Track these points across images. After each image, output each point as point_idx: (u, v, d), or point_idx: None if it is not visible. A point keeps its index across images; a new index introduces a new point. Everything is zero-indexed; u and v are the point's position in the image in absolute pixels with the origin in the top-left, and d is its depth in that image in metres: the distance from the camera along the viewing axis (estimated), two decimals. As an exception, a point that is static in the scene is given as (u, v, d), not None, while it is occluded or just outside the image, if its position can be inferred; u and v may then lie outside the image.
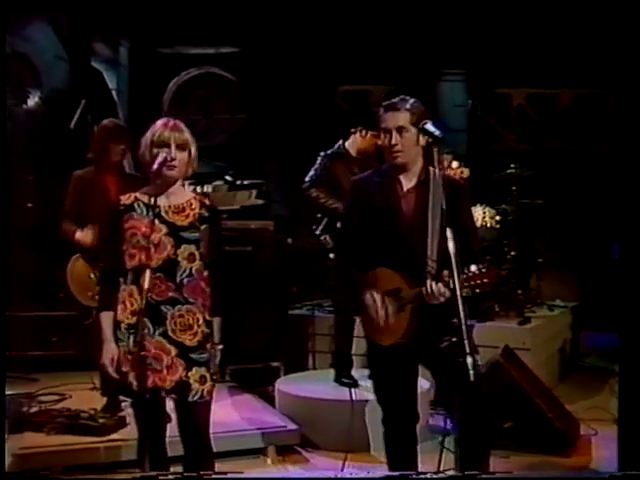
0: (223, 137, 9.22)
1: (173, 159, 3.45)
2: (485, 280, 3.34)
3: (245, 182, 7.63)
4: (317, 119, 9.31)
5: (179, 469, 3.68)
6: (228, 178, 7.76)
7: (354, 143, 5.84)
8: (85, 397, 5.59)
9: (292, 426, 5.12)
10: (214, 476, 3.48)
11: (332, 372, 5.82)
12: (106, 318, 3.52)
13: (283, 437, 5.07)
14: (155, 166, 3.44)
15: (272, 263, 6.49)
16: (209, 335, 3.53)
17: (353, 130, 5.87)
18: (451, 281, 3.23)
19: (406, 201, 3.64)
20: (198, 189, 8.65)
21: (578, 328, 7.36)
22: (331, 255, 5.71)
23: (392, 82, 9.64)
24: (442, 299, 3.42)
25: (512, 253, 6.73)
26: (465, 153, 8.46)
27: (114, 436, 4.85)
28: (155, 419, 3.53)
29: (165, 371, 3.44)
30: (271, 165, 9.03)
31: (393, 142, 3.57)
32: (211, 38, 9.53)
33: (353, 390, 5.21)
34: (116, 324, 3.50)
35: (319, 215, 5.84)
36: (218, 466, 3.73)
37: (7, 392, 5.46)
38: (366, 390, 5.39)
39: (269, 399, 5.80)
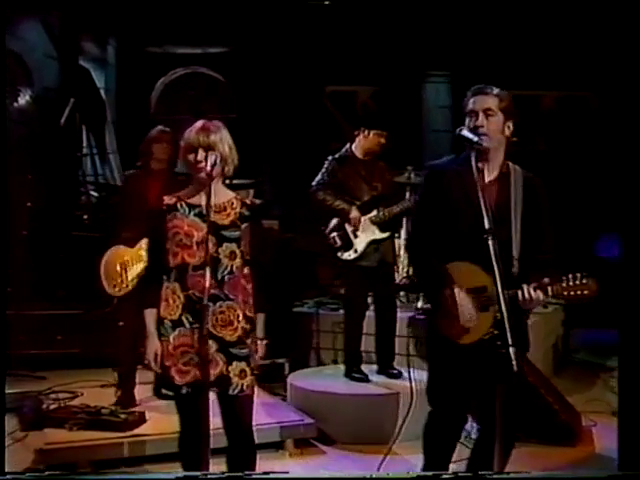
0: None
1: (199, 162, 3.50)
2: (585, 292, 3.30)
3: (234, 181, 7.70)
4: (305, 119, 9.45)
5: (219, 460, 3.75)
6: (215, 177, 7.83)
7: (359, 145, 5.91)
8: (97, 394, 5.62)
9: (308, 420, 5.22)
10: (254, 476, 3.53)
11: (341, 368, 5.95)
12: (150, 315, 3.57)
13: (301, 431, 5.15)
14: (190, 171, 3.55)
15: (277, 262, 6.58)
16: (250, 331, 3.59)
17: (357, 132, 5.93)
18: (491, 273, 3.16)
19: (488, 193, 3.41)
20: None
21: (569, 325, 7.58)
22: (339, 254, 5.84)
23: (378, 83, 9.87)
24: (536, 306, 3.35)
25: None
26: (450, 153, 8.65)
27: (137, 431, 4.91)
28: (198, 413, 3.50)
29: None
30: (261, 165, 9.13)
31: (479, 124, 3.41)
32: (199, 38, 9.60)
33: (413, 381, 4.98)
34: (159, 320, 3.56)
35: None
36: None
37: (18, 390, 5.56)
38: (377, 385, 5.62)
39: (275, 395, 5.92)
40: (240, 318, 3.56)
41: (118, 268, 5.35)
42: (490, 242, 3.21)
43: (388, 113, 9.32)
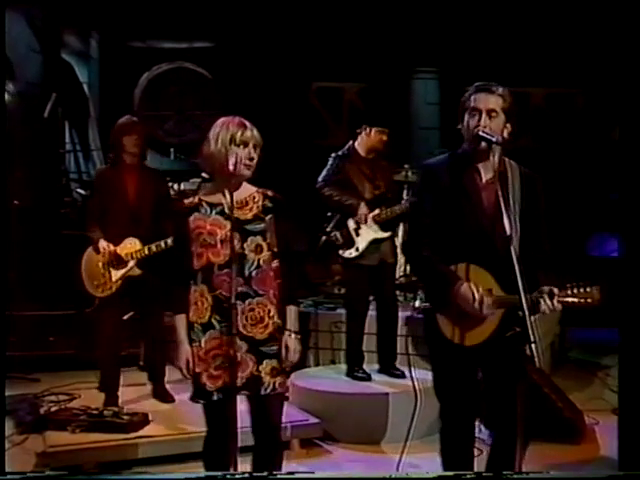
0: (196, 134, 9.14)
1: (252, 158, 3.43)
2: (589, 300, 3.30)
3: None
4: (291, 115, 9.37)
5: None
6: (205, 175, 7.71)
7: (362, 142, 5.86)
8: (95, 396, 5.46)
9: (313, 419, 5.14)
10: (279, 476, 3.42)
11: (342, 367, 5.88)
12: (180, 320, 3.46)
13: (306, 430, 5.07)
14: (232, 165, 3.38)
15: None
16: (281, 326, 3.49)
17: (359, 130, 5.88)
18: (512, 272, 3.09)
19: (486, 193, 3.39)
20: (175, 187, 8.64)
21: (565, 324, 7.58)
22: (340, 251, 5.78)
23: (365, 79, 9.81)
24: (551, 312, 3.33)
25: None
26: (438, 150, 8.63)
27: (141, 432, 4.81)
28: (229, 416, 3.39)
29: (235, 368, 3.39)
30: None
31: (482, 123, 3.33)
32: (184, 32, 9.48)
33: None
34: (189, 325, 3.45)
35: (329, 213, 5.88)
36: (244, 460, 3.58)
37: (13, 392, 5.43)
38: (380, 384, 5.56)
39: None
40: (271, 313, 3.46)
41: (102, 268, 5.21)
42: (512, 248, 3.14)
43: (375, 110, 9.28)
